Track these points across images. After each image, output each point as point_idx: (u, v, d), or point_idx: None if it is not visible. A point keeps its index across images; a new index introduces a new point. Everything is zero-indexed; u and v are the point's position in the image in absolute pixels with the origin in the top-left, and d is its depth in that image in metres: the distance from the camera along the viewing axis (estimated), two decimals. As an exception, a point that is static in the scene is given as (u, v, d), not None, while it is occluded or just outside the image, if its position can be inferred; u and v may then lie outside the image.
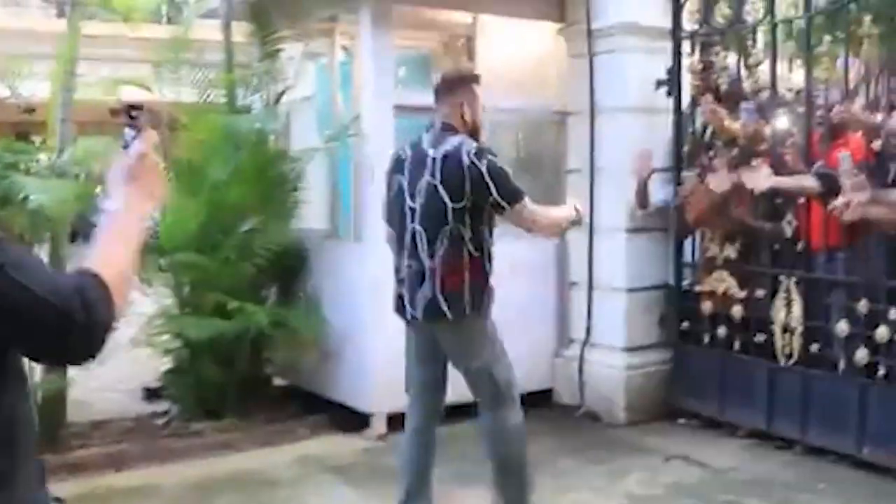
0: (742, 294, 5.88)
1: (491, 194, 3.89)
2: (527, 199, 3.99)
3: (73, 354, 1.61)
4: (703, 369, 6.18)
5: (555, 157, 6.94)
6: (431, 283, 3.95)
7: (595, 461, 5.52)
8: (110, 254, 1.63)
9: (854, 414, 5.19)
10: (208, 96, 6.71)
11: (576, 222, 4.34)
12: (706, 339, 6.15)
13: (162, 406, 6.53)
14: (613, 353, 6.42)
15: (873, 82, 5.50)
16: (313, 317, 6.39)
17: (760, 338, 5.74)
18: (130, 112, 1.86)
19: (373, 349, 6.02)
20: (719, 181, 5.72)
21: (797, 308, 5.52)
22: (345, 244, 6.46)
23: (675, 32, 6.28)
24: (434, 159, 3.97)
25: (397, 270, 4.16)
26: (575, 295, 6.73)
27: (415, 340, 4.22)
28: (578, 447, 5.77)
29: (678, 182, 6.26)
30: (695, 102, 6.30)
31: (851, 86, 5.66)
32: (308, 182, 6.68)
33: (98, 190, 4.99)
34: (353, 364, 6.21)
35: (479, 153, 3.91)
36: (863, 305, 5.11)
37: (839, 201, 4.71)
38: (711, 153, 6.01)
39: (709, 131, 6.02)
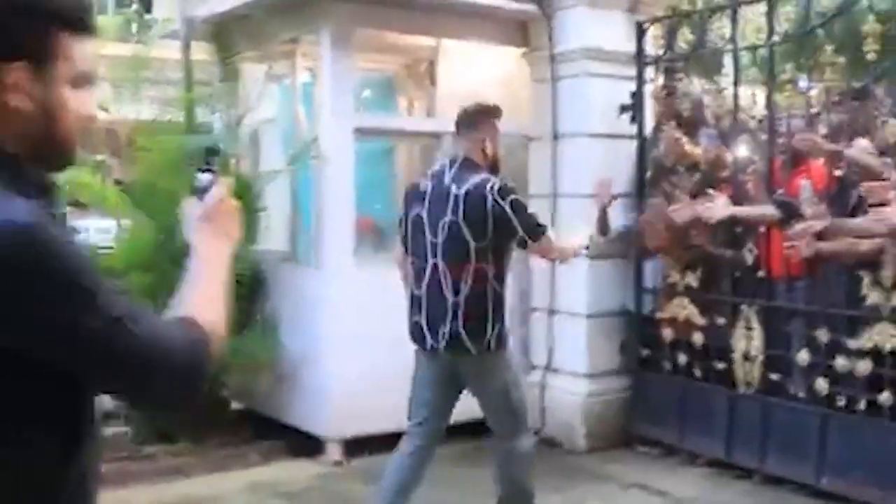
0: (702, 321, 5.86)
1: (517, 232, 3.98)
2: (549, 232, 4.14)
3: (174, 401, 1.63)
4: (663, 397, 6.14)
5: (522, 182, 6.87)
6: (455, 320, 3.99)
7: (554, 489, 5.41)
8: (206, 300, 1.65)
9: (814, 444, 5.17)
10: (167, 115, 6.62)
11: (585, 248, 4.63)
12: (667, 366, 6.12)
13: (116, 428, 6.36)
14: (574, 379, 6.38)
15: (835, 110, 5.51)
16: (270, 339, 6.29)
17: (721, 366, 5.72)
18: (207, 158, 1.85)
19: (330, 374, 5.95)
20: (680, 211, 5.71)
21: (757, 336, 5.50)
22: (304, 268, 6.38)
23: (639, 57, 6.27)
24: (457, 196, 3.99)
25: (415, 299, 4.17)
26: (536, 320, 6.68)
27: (430, 367, 4.20)
28: (537, 473, 5.60)
29: (640, 208, 6.25)
30: (658, 128, 6.29)
31: (814, 112, 5.70)
32: (269, 204, 6.59)
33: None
34: (310, 388, 6.11)
35: (503, 191, 3.97)
36: (822, 334, 5.10)
37: (797, 228, 4.72)
38: (674, 179, 6.00)
39: (671, 157, 5.99)
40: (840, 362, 5.00)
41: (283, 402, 6.41)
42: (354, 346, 5.84)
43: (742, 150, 5.89)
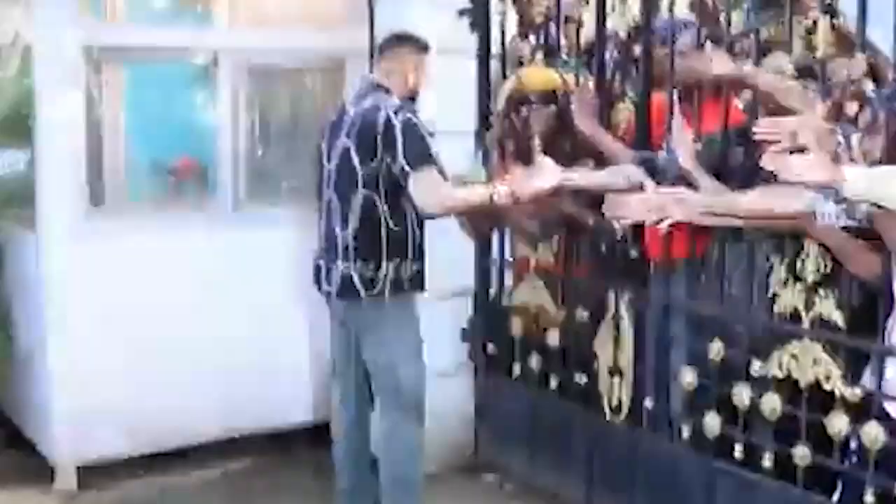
0: (559, 314, 4.19)
1: (398, 155, 3.45)
2: (435, 169, 3.48)
3: None
4: (512, 410, 4.51)
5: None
6: (346, 258, 3.62)
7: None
8: None
9: (698, 500, 3.56)
10: None
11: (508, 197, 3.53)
12: (516, 369, 4.47)
13: None
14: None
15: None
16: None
17: (581, 378, 4.07)
18: None
19: (57, 378, 4.44)
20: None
21: (627, 341, 3.85)
22: (28, 235, 4.67)
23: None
24: (353, 117, 3.61)
25: (318, 239, 3.83)
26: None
27: (331, 319, 3.86)
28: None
29: (484, 150, 4.51)
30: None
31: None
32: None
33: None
34: (35, 397, 4.67)
35: (400, 110, 3.52)
36: (715, 348, 3.45)
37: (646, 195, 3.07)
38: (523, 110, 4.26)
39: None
40: (738, 394, 3.35)
41: (15, 413, 5.01)
42: (92, 341, 4.41)
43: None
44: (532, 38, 4.44)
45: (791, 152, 2.75)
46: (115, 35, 4.58)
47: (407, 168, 3.44)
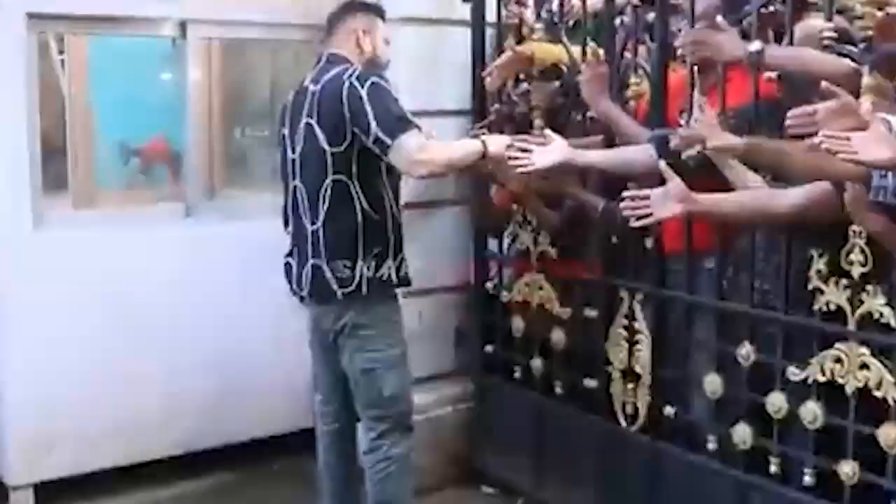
0: (565, 312, 3.78)
1: (370, 126, 3.03)
2: (415, 131, 3.08)
3: None
4: (514, 416, 4.11)
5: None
6: (316, 254, 3.20)
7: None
8: None
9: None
10: None
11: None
12: (517, 372, 4.07)
13: None
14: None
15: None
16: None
17: (591, 383, 3.67)
18: None
19: (6, 390, 4.01)
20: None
21: (645, 343, 3.45)
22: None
23: None
24: (314, 94, 3.19)
25: (289, 237, 3.39)
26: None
27: (308, 323, 3.44)
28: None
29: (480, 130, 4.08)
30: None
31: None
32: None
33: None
34: None
35: (363, 76, 3.12)
36: (745, 351, 3.05)
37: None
38: (520, 89, 3.86)
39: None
40: (774, 400, 2.96)
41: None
42: (43, 347, 3.98)
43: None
44: (532, 4, 4.01)
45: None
46: (66, 2, 4.12)
47: (385, 139, 3.04)
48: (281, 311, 3.90)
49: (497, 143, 3.27)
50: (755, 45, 2.85)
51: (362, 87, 3.07)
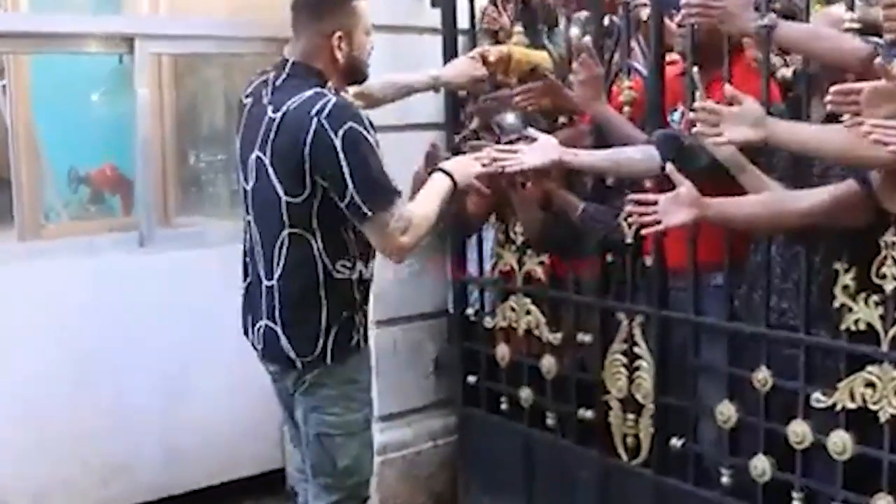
0: (555, 338, 3.49)
1: (347, 188, 2.52)
2: (398, 204, 2.61)
3: None
4: (501, 451, 3.80)
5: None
6: (270, 313, 2.69)
7: None
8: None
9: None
10: None
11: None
12: (504, 402, 3.76)
13: None
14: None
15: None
16: None
17: (587, 413, 3.38)
18: None
19: None
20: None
21: (646, 370, 3.16)
22: None
23: None
24: (271, 121, 2.58)
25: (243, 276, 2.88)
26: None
27: (271, 378, 2.91)
28: None
29: (455, 146, 3.80)
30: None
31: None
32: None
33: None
34: None
35: (336, 116, 2.51)
36: (761, 376, 2.77)
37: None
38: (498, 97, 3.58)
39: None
40: (796, 429, 2.68)
41: None
42: None
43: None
44: (510, 6, 3.74)
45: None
46: (4, 20, 3.79)
47: (364, 209, 2.54)
48: (243, 344, 3.56)
49: (460, 169, 2.84)
50: (768, 19, 2.59)
51: (336, 133, 2.50)
